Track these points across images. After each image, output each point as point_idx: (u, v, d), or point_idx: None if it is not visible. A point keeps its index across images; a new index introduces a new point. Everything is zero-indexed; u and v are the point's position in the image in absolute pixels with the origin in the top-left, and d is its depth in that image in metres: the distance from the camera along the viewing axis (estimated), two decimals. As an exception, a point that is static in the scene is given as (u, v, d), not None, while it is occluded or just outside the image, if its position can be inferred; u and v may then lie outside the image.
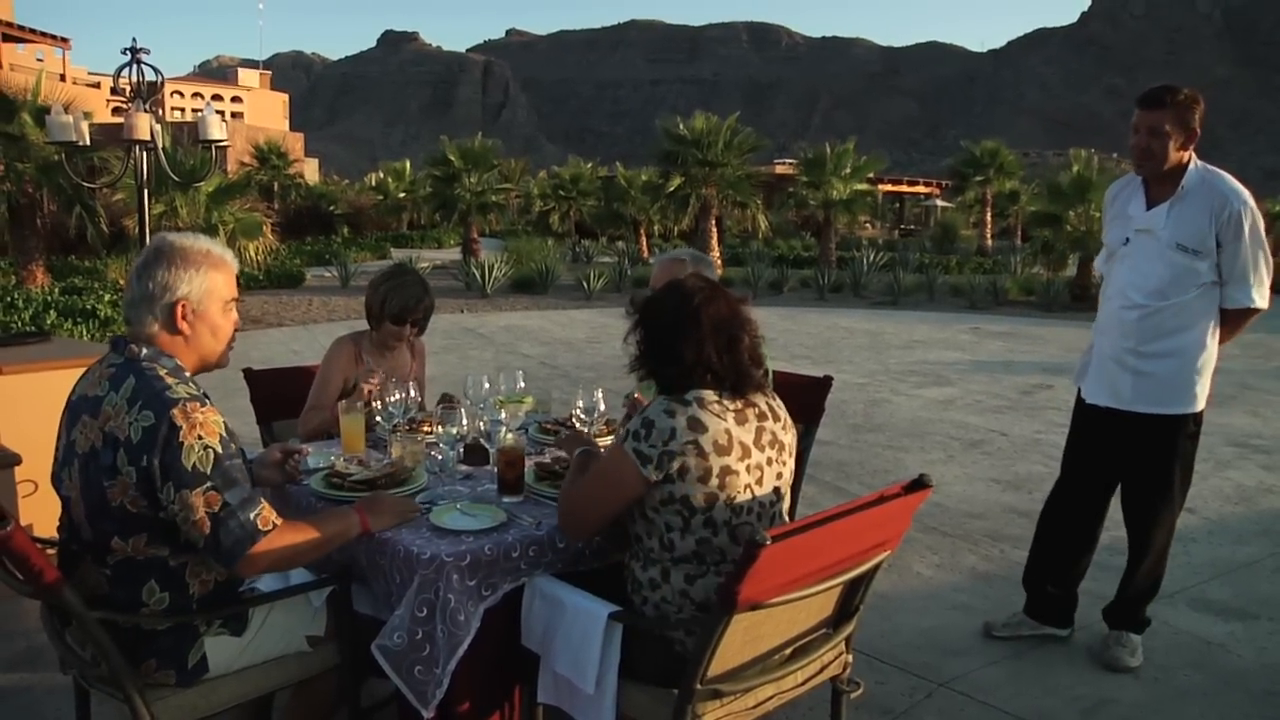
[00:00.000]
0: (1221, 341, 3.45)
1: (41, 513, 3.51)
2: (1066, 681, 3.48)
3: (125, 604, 2.17)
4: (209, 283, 2.24)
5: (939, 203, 48.83)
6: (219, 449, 2.11)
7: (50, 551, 2.26)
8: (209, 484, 2.09)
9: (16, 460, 4.05)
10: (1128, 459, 3.56)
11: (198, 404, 2.13)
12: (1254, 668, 3.60)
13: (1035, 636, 3.78)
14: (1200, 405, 3.44)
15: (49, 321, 10.99)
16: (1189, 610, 4.12)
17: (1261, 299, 3.34)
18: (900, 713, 3.24)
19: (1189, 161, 3.35)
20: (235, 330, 2.36)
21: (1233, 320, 3.43)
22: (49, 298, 13.01)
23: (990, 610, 4.00)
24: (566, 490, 2.48)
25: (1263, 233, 3.33)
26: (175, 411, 2.08)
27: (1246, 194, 3.31)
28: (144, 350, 2.20)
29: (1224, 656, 3.70)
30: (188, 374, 2.25)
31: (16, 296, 12.84)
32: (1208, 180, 3.34)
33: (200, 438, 2.09)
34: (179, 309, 2.21)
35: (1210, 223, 3.28)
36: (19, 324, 10.71)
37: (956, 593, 4.29)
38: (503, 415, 2.92)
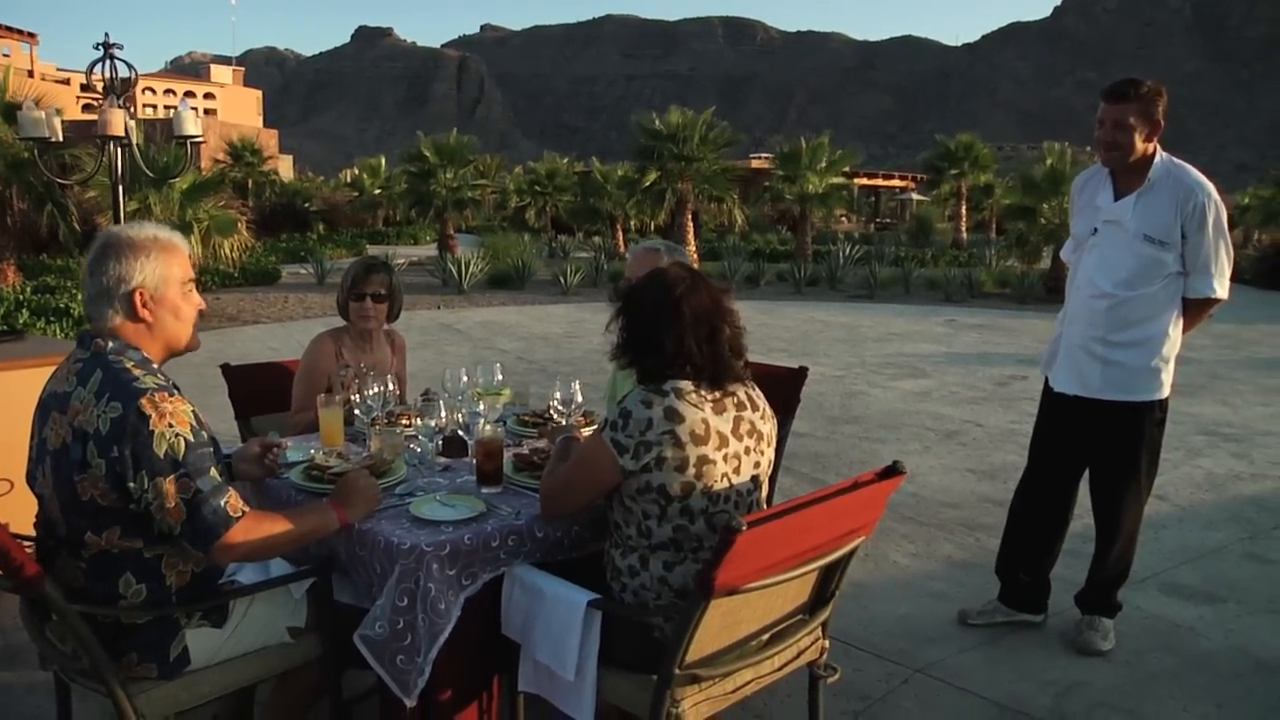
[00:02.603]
0: (1184, 331, 3.52)
1: (19, 511, 3.49)
2: (1040, 666, 3.53)
3: (103, 597, 2.18)
4: (162, 268, 2.24)
5: (914, 196, 49.07)
6: (190, 437, 2.12)
7: (29, 549, 2.27)
8: (181, 471, 2.10)
9: (-10, 459, 4.02)
10: (1096, 446, 3.61)
11: (166, 394, 2.14)
12: (1222, 650, 3.67)
13: (1009, 623, 3.83)
14: (1166, 392, 3.50)
15: (21, 320, 10.90)
16: (1159, 595, 4.19)
17: (1222, 289, 3.41)
18: (877, 699, 3.28)
19: (1155, 153, 3.41)
20: (199, 311, 2.36)
21: (1194, 309, 3.50)
22: (21, 297, 12.90)
23: (966, 598, 4.05)
24: (548, 474, 2.52)
25: (1225, 224, 3.40)
26: (143, 401, 2.09)
27: (1210, 186, 3.37)
28: (110, 344, 2.20)
29: (1193, 639, 3.77)
30: (155, 365, 2.26)
31: (-12, 296, 12.72)
32: (1173, 173, 3.39)
33: (171, 425, 2.10)
34: (137, 297, 2.21)
35: (1176, 214, 3.34)
36: (-9, 323, 10.62)
37: (932, 581, 4.34)
38: (480, 407, 2.93)
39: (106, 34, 5.19)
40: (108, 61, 5.32)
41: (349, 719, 2.65)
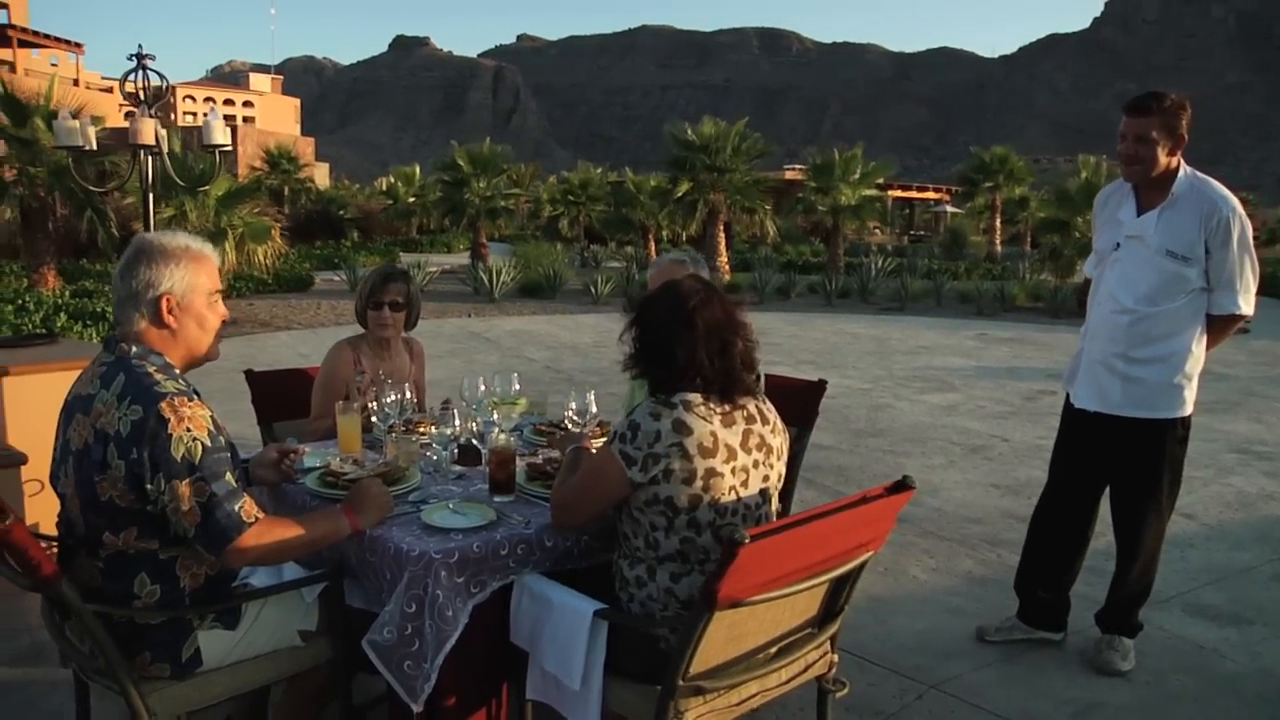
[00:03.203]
0: (1208, 347, 3.47)
1: (48, 511, 3.56)
2: (1057, 684, 3.50)
3: (118, 596, 2.22)
4: (191, 276, 2.30)
5: (948, 209, 48.78)
6: (207, 441, 2.17)
7: (52, 549, 2.32)
8: (197, 474, 2.14)
9: (23, 460, 4.11)
10: (1116, 463, 3.58)
11: (185, 398, 2.19)
12: (1247, 673, 3.62)
13: (1028, 641, 3.80)
14: (1188, 410, 3.46)
15: (59, 324, 11.09)
16: (1183, 615, 4.13)
17: (1247, 305, 3.37)
18: (891, 714, 3.26)
19: (1178, 168, 3.37)
20: (223, 322, 2.42)
21: (1218, 326, 3.45)
22: (59, 300, 13.13)
23: (984, 614, 4.02)
24: (559, 485, 2.54)
25: (1250, 239, 3.35)
26: (163, 405, 2.14)
27: (1235, 201, 3.33)
28: (133, 349, 2.26)
29: (1217, 661, 3.71)
30: (177, 371, 2.31)
31: (28, 299, 12.96)
32: (1197, 187, 3.36)
33: (189, 430, 2.15)
34: (164, 303, 2.27)
35: (1199, 229, 3.30)
36: (29, 326, 10.82)
37: (951, 596, 4.31)
38: (495, 416, 2.96)
39: (140, 45, 5.31)
40: (141, 72, 5.43)
41: (360, 723, 2.68)
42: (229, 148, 5.54)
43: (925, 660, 3.65)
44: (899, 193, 52.57)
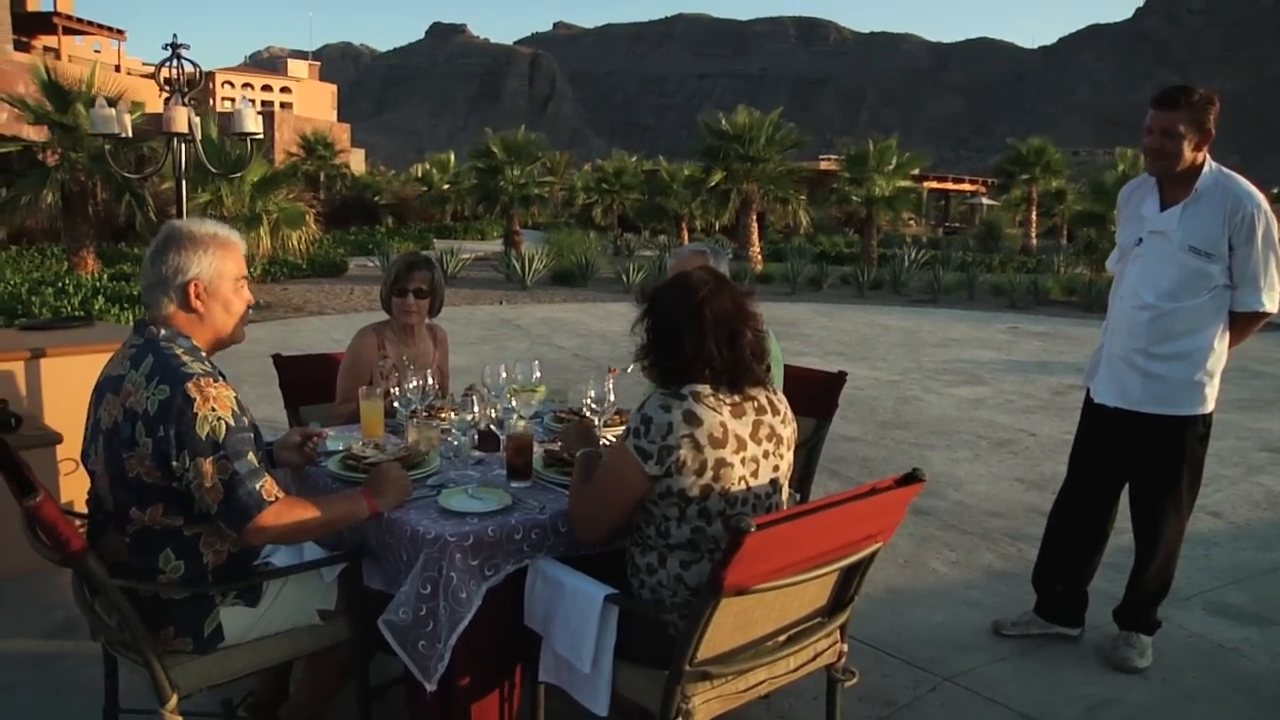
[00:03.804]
0: (1230, 345, 3.45)
1: (81, 490, 3.66)
2: (1073, 680, 3.50)
3: (143, 571, 2.30)
4: (218, 263, 2.39)
5: (985, 201, 48.28)
6: (230, 421, 2.24)
7: (83, 527, 2.40)
8: (220, 453, 2.21)
9: (58, 439, 4.21)
10: (1136, 459, 3.57)
11: (211, 379, 2.26)
12: (1267, 673, 3.60)
13: (1045, 635, 3.80)
14: (1209, 407, 3.44)
15: (96, 307, 11.28)
16: (1204, 614, 4.11)
17: (1271, 303, 3.34)
18: (903, 705, 3.28)
19: (1204, 163, 3.35)
20: (249, 307, 2.50)
21: (1241, 324, 3.43)
22: (98, 283, 13.35)
23: (1002, 608, 4.02)
24: (576, 495, 2.52)
25: (1275, 236, 3.32)
26: (189, 385, 2.22)
27: (1260, 197, 3.31)
28: (162, 331, 2.34)
29: (1236, 661, 3.69)
30: (204, 353, 2.39)
31: (67, 282, 13.19)
32: (1221, 183, 3.33)
33: (213, 409, 2.22)
34: (192, 288, 2.36)
35: (1223, 226, 3.28)
36: (69, 308, 11.02)
37: (970, 590, 4.32)
38: (514, 403, 3.00)
39: (175, 35, 5.41)
40: (176, 60, 5.52)
41: (377, 702, 2.74)
42: (259, 135, 5.63)
43: (940, 653, 3.66)
44: (934, 184, 52.15)
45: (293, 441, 2.85)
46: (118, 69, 39.64)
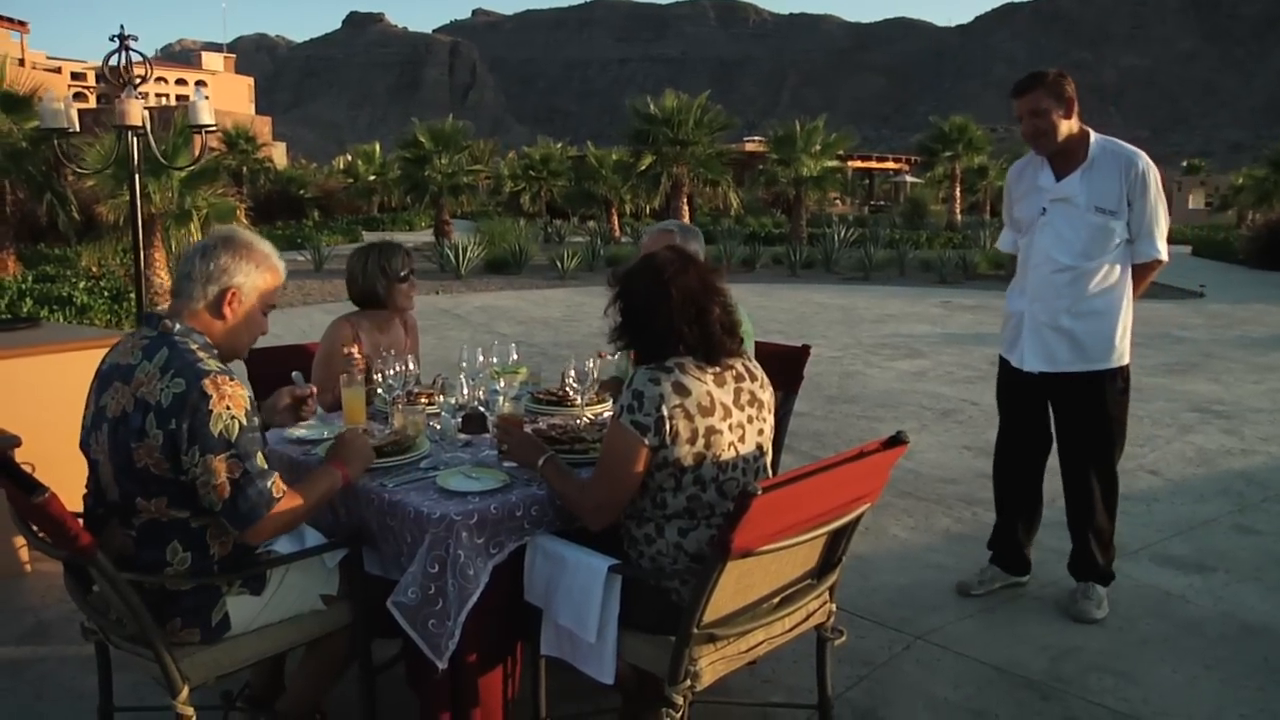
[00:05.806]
0: (1135, 296, 3.73)
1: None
2: (1036, 632, 3.67)
3: (151, 564, 2.31)
4: (261, 281, 2.45)
5: (908, 179, 49.19)
6: (244, 420, 2.27)
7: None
8: (232, 452, 2.23)
9: (16, 442, 4.13)
10: (1064, 418, 3.81)
11: (227, 378, 2.28)
12: (1210, 616, 3.81)
13: (1006, 589, 3.97)
14: (1127, 359, 3.72)
15: (25, 309, 10.96)
16: (1151, 565, 4.32)
17: (1164, 251, 3.65)
18: (881, 664, 3.42)
19: (1087, 134, 3.63)
20: (261, 334, 2.54)
21: (1140, 274, 3.72)
22: (23, 286, 12.94)
23: (963, 569, 4.18)
24: (576, 492, 2.50)
25: (1162, 189, 3.64)
26: (206, 381, 2.23)
27: (1146, 156, 3.61)
28: (177, 326, 2.35)
29: (1183, 607, 3.90)
30: (215, 353, 2.39)
31: (-12, 286, 12.76)
32: (1109, 148, 3.63)
33: (228, 408, 2.24)
34: (229, 294, 2.39)
35: (1121, 183, 3.57)
36: (-5, 312, 10.69)
37: (931, 553, 4.47)
38: (500, 385, 3.05)
39: (122, 26, 5.29)
40: (124, 53, 5.41)
41: (375, 685, 2.77)
42: (215, 128, 5.54)
43: (909, 613, 3.81)
44: (859, 163, 52.91)
45: (283, 404, 2.88)
46: (21, 63, 38.29)
